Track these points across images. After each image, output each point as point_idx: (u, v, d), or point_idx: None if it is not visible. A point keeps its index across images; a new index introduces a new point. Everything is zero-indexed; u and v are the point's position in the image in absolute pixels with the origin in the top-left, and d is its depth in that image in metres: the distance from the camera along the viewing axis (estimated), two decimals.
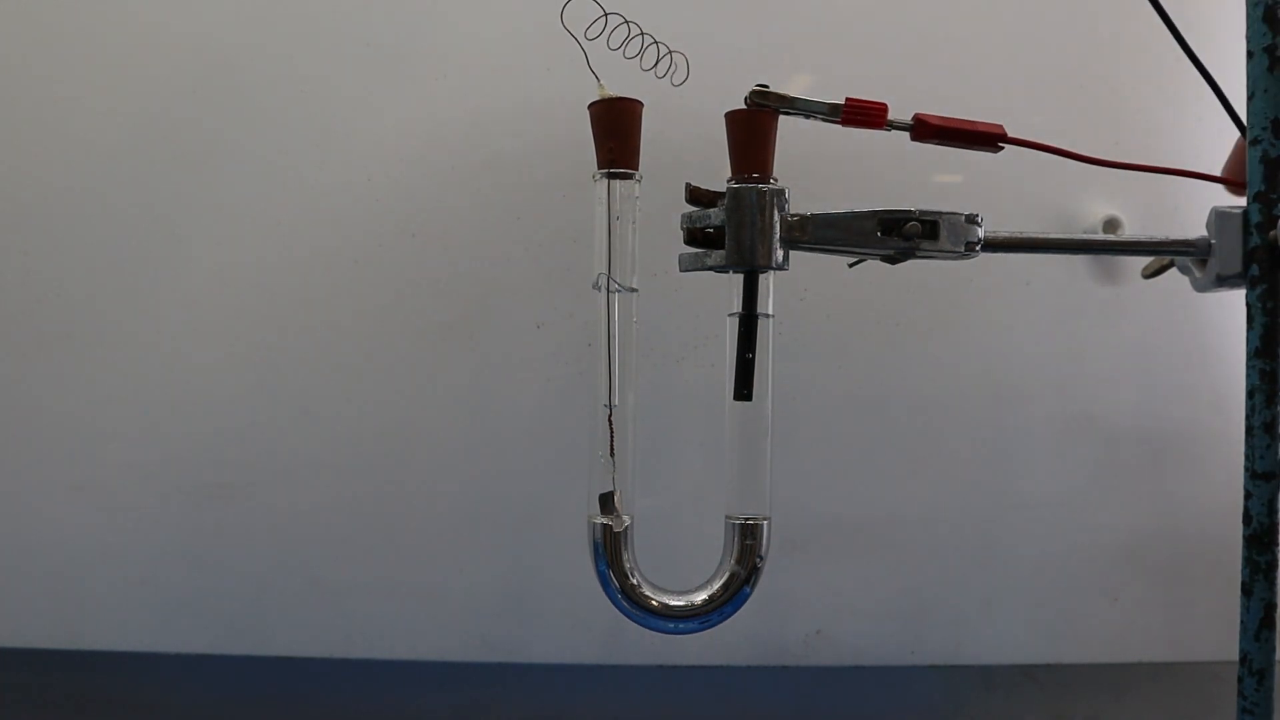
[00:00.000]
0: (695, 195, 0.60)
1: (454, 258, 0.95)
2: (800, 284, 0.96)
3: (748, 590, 0.60)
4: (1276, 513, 0.59)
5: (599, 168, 0.60)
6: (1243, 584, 0.60)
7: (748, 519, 0.61)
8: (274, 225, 0.95)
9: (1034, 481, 0.98)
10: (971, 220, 0.60)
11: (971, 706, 0.93)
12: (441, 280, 0.95)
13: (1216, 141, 0.70)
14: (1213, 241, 0.63)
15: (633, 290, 0.60)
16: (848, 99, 0.60)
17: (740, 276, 0.60)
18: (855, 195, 0.65)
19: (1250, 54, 0.60)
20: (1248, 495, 0.60)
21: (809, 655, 0.97)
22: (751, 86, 0.59)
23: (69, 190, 0.95)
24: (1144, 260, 0.84)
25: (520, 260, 0.95)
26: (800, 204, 0.60)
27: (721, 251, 0.58)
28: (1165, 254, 0.74)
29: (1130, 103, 0.98)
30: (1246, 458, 0.60)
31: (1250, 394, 0.60)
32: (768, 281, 0.60)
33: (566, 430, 0.94)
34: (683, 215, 0.61)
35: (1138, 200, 0.98)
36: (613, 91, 0.59)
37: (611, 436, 0.59)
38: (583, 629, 0.96)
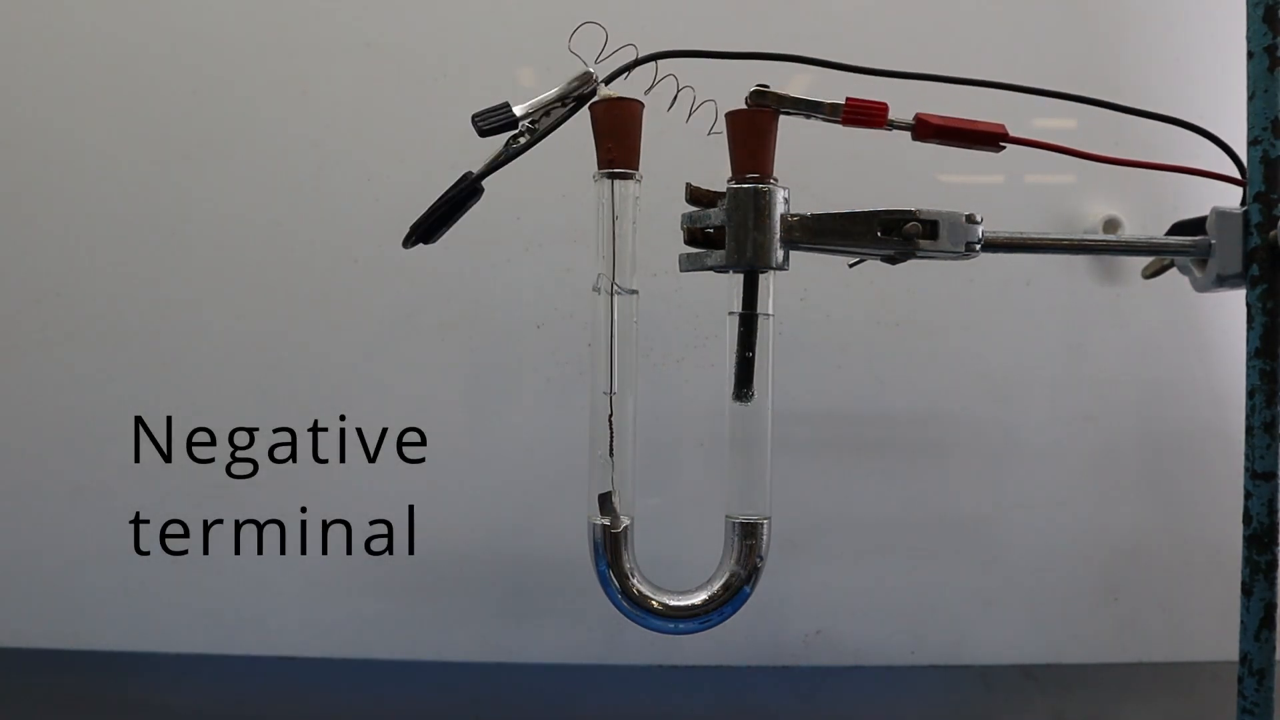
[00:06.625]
0: (695, 195, 0.60)
1: (454, 258, 0.95)
2: (800, 284, 0.96)
3: (748, 590, 0.60)
4: (1276, 513, 0.59)
5: (599, 168, 0.60)
6: (1243, 584, 0.60)
7: (748, 519, 0.61)
8: (274, 225, 0.95)
9: (1034, 481, 0.98)
10: (971, 220, 0.60)
11: (971, 706, 0.93)
12: (441, 280, 0.95)
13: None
14: (1213, 241, 0.63)
15: (633, 292, 0.60)
16: (848, 99, 0.60)
17: (740, 276, 0.60)
18: (855, 195, 0.65)
19: (1250, 54, 0.60)
20: (1248, 495, 0.60)
21: (809, 655, 0.97)
22: (751, 86, 0.59)
23: (69, 190, 0.95)
24: (1144, 260, 0.84)
25: (520, 260, 0.95)
26: (800, 204, 0.60)
27: (721, 251, 0.58)
28: (1165, 254, 0.74)
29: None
30: (1246, 458, 0.60)
31: (1250, 394, 0.60)
32: (768, 281, 0.60)
33: (566, 430, 0.94)
34: (683, 215, 0.61)
35: (1138, 200, 0.97)
36: (613, 92, 0.59)
37: (611, 437, 0.59)
38: (583, 629, 0.96)
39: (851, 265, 0.67)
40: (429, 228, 0.60)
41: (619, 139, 0.59)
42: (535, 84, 0.95)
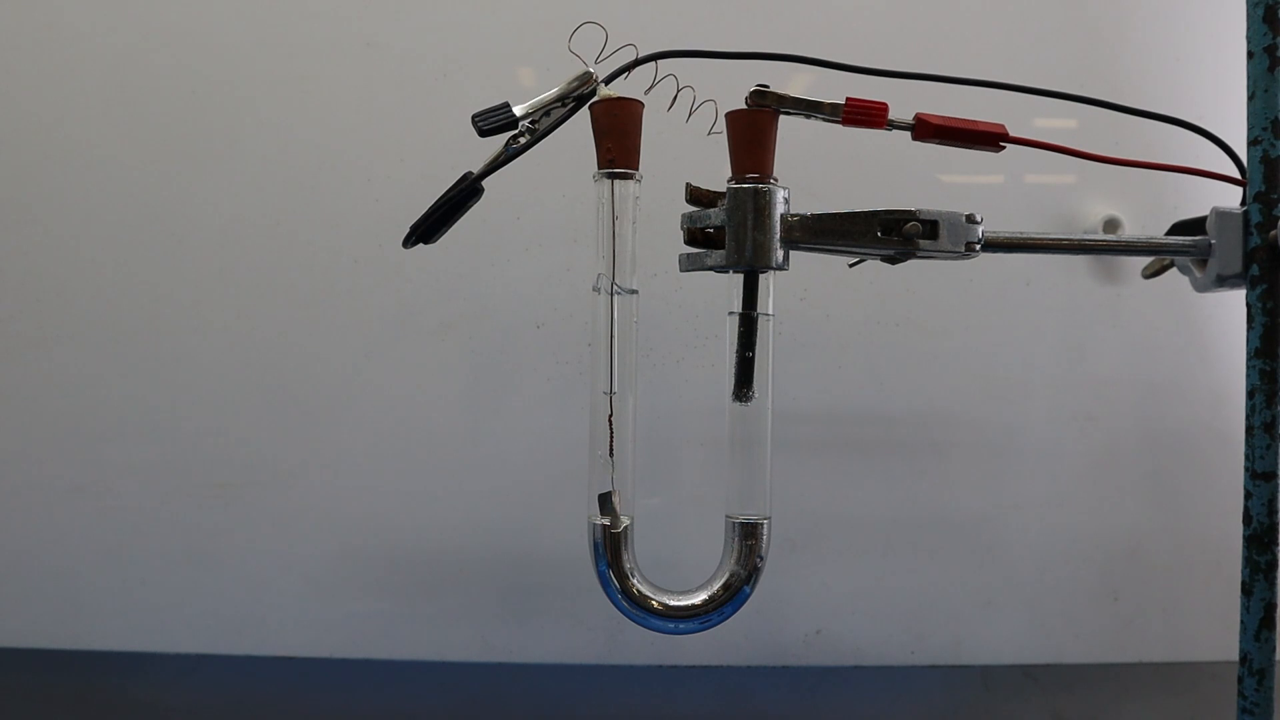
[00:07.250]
0: (695, 195, 0.60)
1: (454, 258, 0.95)
2: (800, 284, 0.96)
3: (748, 590, 0.60)
4: (1276, 513, 0.59)
5: (599, 168, 0.60)
6: (1243, 584, 0.60)
7: (748, 519, 0.61)
8: (274, 225, 0.95)
9: (1034, 481, 0.98)
10: (971, 220, 0.60)
11: (971, 706, 0.93)
12: (441, 280, 0.95)
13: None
14: (1213, 241, 0.63)
15: (633, 292, 0.60)
16: (848, 98, 0.60)
17: (740, 276, 0.60)
18: (855, 195, 0.65)
19: (1250, 54, 0.60)
20: (1248, 495, 0.60)
21: (809, 655, 0.97)
22: (751, 86, 0.59)
23: (69, 190, 0.95)
24: (1144, 260, 0.84)
25: (520, 260, 0.95)
26: (800, 204, 0.60)
27: (721, 251, 0.58)
28: (1165, 254, 0.74)
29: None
30: (1246, 458, 0.60)
31: (1250, 394, 0.60)
32: (768, 281, 0.60)
33: (566, 431, 0.94)
34: (683, 215, 0.61)
35: (1138, 200, 0.98)
36: (613, 92, 0.59)
37: (611, 437, 0.59)
38: (583, 629, 0.96)
39: (851, 265, 0.66)
40: (429, 228, 0.60)
41: (619, 139, 0.59)
42: (535, 84, 0.95)
